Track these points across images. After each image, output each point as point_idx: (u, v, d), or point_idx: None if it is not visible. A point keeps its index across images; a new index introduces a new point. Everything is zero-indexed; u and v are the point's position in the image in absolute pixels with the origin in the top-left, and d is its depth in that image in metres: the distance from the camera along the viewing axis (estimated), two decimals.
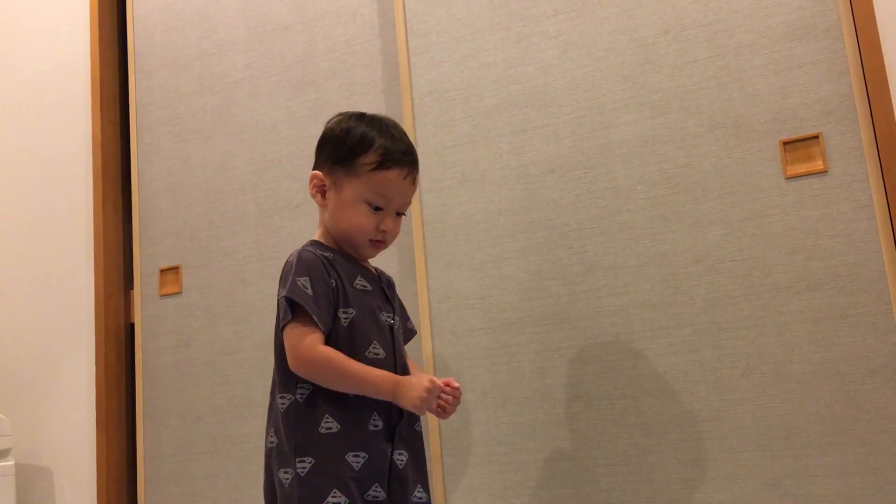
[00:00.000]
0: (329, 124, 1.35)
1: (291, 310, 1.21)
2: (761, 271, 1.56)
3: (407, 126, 1.91)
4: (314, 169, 1.34)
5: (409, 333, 1.46)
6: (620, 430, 1.64)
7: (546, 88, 1.79)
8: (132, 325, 2.29)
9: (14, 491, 2.16)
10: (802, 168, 1.55)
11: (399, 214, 1.33)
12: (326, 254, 1.28)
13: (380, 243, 1.32)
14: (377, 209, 1.28)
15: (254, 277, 2.08)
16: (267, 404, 1.31)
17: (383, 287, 1.36)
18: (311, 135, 2.05)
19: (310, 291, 1.21)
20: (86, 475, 2.24)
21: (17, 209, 2.51)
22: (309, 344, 1.20)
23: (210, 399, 2.09)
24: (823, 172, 1.54)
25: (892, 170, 1.48)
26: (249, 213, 2.11)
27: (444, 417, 1.30)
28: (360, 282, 1.29)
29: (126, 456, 2.27)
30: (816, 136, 1.55)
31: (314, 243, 1.32)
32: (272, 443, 1.25)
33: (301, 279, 1.22)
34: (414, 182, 1.31)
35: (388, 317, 1.32)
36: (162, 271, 2.23)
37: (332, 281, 1.24)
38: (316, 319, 1.20)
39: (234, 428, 2.05)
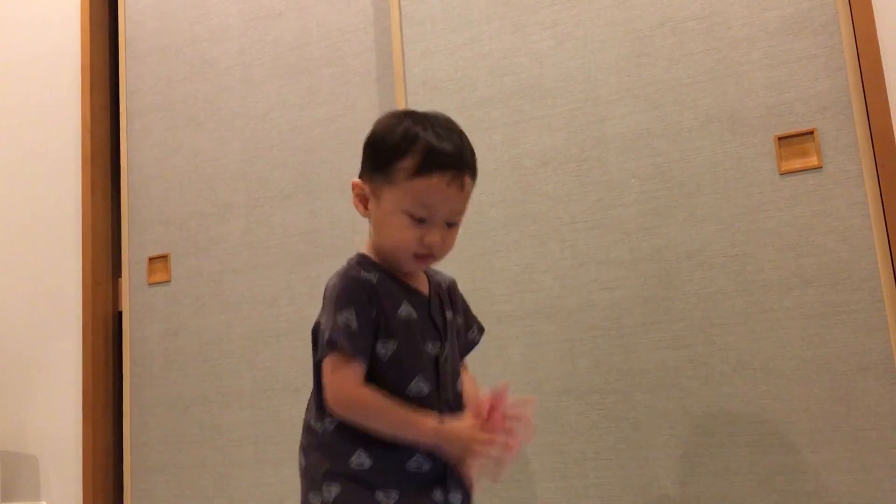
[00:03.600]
0: (374, 125, 1.19)
1: (331, 344, 1.11)
2: (754, 267, 1.55)
3: None
4: (359, 176, 1.20)
5: (469, 345, 1.31)
6: (610, 424, 1.63)
7: (540, 80, 1.78)
8: (120, 314, 2.27)
9: None
10: (797, 164, 1.55)
11: (451, 226, 1.16)
12: (371, 276, 1.14)
13: (427, 257, 1.16)
14: (420, 221, 1.12)
15: (243, 267, 2.06)
16: (254, 394, 1.27)
17: (431, 311, 1.20)
18: (303, 123, 2.04)
19: (354, 326, 1.10)
20: (72, 463, 2.23)
21: (5, 195, 2.49)
22: (346, 383, 1.09)
23: (198, 388, 2.08)
24: (818, 168, 1.53)
25: (886, 167, 1.47)
26: (239, 201, 2.09)
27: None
28: (405, 309, 1.15)
29: (112, 444, 2.26)
30: (811, 132, 1.54)
31: (361, 259, 1.18)
32: (302, 463, 1.17)
33: (344, 314, 1.10)
34: (462, 187, 1.12)
35: (434, 346, 1.17)
36: (151, 259, 2.21)
37: (374, 310, 1.12)
38: (356, 354, 1.09)
39: (221, 417, 2.03)
